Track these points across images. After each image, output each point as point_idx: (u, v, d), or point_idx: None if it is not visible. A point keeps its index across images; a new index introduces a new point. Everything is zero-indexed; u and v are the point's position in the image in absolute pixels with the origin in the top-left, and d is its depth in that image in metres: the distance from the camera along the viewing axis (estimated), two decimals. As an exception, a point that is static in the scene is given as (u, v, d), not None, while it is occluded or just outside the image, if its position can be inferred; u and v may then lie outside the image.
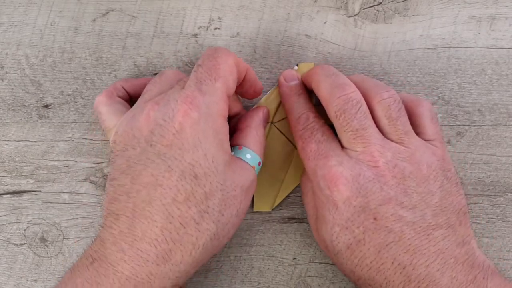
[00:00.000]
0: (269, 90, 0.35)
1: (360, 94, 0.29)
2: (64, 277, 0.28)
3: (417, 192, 0.28)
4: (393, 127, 0.29)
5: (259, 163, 0.31)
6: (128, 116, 0.29)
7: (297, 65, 0.35)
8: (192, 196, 0.26)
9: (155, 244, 0.26)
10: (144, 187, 0.26)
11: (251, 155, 0.30)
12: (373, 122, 0.29)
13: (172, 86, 0.30)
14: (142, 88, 0.31)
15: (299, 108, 0.32)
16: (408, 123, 0.29)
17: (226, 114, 0.29)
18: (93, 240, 0.28)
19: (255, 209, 0.34)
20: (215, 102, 0.28)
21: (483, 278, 0.27)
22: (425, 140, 0.30)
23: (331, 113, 0.29)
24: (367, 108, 0.29)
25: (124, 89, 0.34)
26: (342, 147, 0.30)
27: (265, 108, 0.33)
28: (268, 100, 0.35)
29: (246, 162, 0.30)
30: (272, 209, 0.35)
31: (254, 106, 0.34)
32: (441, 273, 0.27)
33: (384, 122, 0.29)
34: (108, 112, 0.32)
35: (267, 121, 0.34)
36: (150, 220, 0.26)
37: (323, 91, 0.30)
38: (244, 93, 0.32)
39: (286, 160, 0.34)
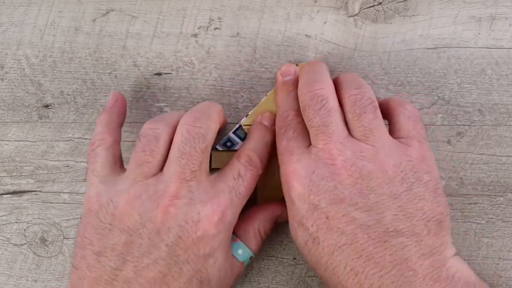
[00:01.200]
0: (269, 89, 0.35)
1: (330, 92, 0.28)
2: None
3: (375, 193, 0.26)
4: (356, 122, 0.27)
5: (251, 258, 0.31)
6: (132, 194, 0.27)
7: (297, 65, 0.35)
8: None
9: None
10: (149, 283, 0.26)
11: (243, 251, 0.30)
12: (341, 120, 0.28)
13: (168, 146, 0.28)
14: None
15: (285, 105, 0.31)
16: (378, 120, 0.28)
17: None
18: None
19: None
20: (236, 217, 0.28)
21: None
22: (399, 138, 0.28)
23: (301, 106, 0.29)
24: (334, 105, 0.28)
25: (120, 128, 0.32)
26: (310, 145, 0.29)
27: (277, 209, 0.32)
28: (268, 102, 0.34)
29: (236, 258, 0.30)
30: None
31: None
32: (396, 286, 0.25)
33: (349, 117, 0.28)
34: (106, 159, 0.29)
35: (283, 219, 0.33)
36: None
37: (299, 87, 0.30)
38: None
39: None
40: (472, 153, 0.35)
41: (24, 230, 0.35)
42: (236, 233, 0.31)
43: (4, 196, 0.35)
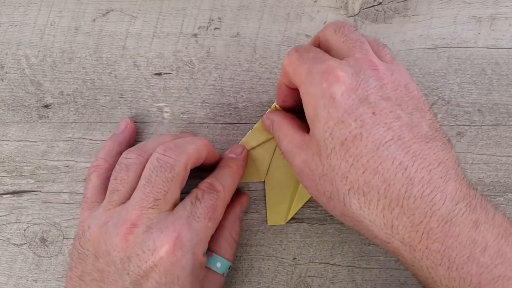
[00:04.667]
0: (269, 89, 0.35)
1: None
2: None
3: (412, 101, 0.26)
4: (382, 52, 0.29)
5: (229, 267, 0.32)
6: (101, 220, 0.28)
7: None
8: None
9: None
10: None
11: (221, 263, 0.31)
12: None
13: (140, 175, 0.29)
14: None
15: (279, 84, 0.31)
16: None
17: (206, 249, 0.29)
18: None
19: (269, 223, 0.34)
20: (201, 241, 0.28)
21: (481, 196, 0.26)
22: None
23: (328, 32, 0.29)
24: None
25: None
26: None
27: (244, 196, 0.33)
28: (254, 135, 0.34)
29: (215, 272, 0.30)
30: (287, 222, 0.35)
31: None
32: (445, 181, 0.24)
33: (374, 48, 0.29)
34: (96, 187, 0.31)
35: (243, 212, 0.34)
36: None
37: (321, 31, 0.30)
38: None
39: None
40: (472, 153, 0.35)
41: (24, 230, 0.35)
42: (209, 248, 0.31)
43: (4, 196, 0.35)
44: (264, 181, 0.34)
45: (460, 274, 0.24)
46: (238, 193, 0.34)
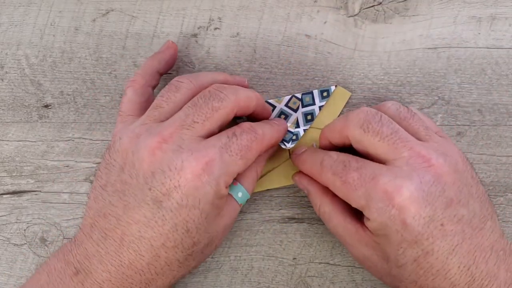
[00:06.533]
0: (269, 89, 0.35)
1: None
2: (39, 279, 0.28)
3: (465, 186, 0.26)
4: (415, 126, 0.28)
5: (246, 200, 0.31)
6: (134, 133, 0.28)
7: (335, 86, 0.34)
8: (181, 245, 0.27)
9: (140, 274, 0.27)
10: (135, 223, 0.26)
11: (242, 194, 0.30)
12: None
13: (187, 101, 0.29)
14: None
15: (316, 156, 0.30)
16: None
17: (229, 183, 0.28)
18: (73, 243, 0.28)
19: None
20: (228, 173, 0.27)
21: None
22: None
23: (356, 132, 0.28)
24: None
25: (160, 74, 0.33)
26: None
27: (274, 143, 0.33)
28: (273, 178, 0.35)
29: (235, 200, 0.30)
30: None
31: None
32: (497, 267, 0.26)
33: (403, 124, 0.28)
34: (132, 100, 0.31)
35: (272, 155, 0.34)
36: (138, 254, 0.26)
37: (340, 125, 0.29)
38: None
39: (280, 157, 0.35)
40: (472, 153, 0.35)
41: (24, 230, 0.35)
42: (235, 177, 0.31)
43: (4, 196, 0.35)
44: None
45: None
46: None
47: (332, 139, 0.30)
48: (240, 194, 0.30)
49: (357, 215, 0.29)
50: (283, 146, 0.33)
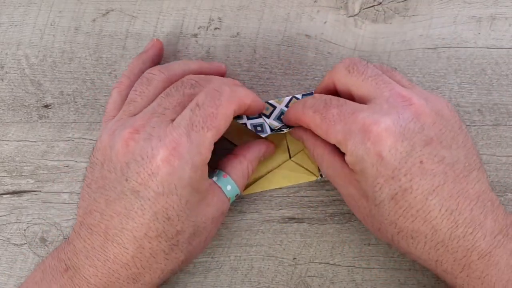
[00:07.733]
0: (269, 88, 0.35)
1: None
2: (35, 276, 0.29)
3: (449, 130, 0.26)
4: (397, 77, 0.29)
5: (237, 195, 0.31)
6: (111, 129, 0.28)
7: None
8: (164, 234, 0.27)
9: (126, 268, 0.27)
10: (117, 215, 0.27)
11: (231, 187, 0.30)
12: None
13: (160, 92, 0.29)
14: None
15: (300, 100, 0.31)
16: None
17: (208, 159, 0.28)
18: (66, 241, 0.29)
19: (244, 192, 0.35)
20: (200, 152, 0.27)
21: None
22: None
23: (342, 74, 0.29)
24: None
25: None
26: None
27: (270, 144, 0.33)
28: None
29: (224, 193, 0.30)
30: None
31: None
32: (484, 216, 0.25)
33: (387, 75, 0.29)
34: (116, 101, 0.31)
35: (267, 156, 0.34)
36: (122, 247, 0.27)
37: (333, 74, 0.30)
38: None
39: (279, 158, 0.35)
40: (472, 153, 0.35)
41: (24, 230, 0.35)
42: (224, 170, 0.31)
43: (4, 196, 0.35)
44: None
45: None
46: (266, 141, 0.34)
47: (321, 89, 0.31)
48: (229, 187, 0.30)
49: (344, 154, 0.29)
50: (280, 132, 0.32)
